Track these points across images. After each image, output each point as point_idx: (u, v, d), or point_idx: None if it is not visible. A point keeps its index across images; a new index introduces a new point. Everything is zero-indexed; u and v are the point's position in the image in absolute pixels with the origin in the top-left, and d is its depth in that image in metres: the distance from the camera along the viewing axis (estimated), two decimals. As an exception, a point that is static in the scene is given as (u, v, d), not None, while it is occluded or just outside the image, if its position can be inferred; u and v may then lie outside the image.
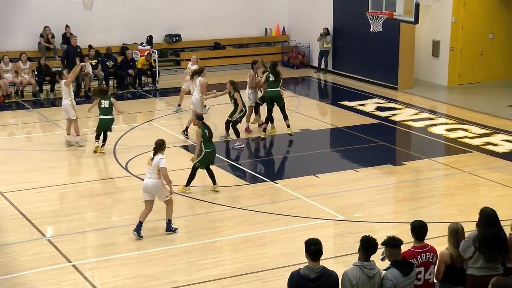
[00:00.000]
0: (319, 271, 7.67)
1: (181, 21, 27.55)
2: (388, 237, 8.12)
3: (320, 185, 15.34)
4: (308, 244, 7.76)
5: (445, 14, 24.24)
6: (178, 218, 13.69)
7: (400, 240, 8.09)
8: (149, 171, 12.65)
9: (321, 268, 7.71)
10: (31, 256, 11.93)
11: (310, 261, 7.73)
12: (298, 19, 28.79)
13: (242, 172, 16.20)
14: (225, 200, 14.40)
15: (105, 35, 25.90)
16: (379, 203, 14.51)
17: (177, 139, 18.58)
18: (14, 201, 14.38)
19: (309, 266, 7.72)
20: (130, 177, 15.91)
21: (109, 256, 12.01)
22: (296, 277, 7.72)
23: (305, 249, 7.76)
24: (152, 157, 12.59)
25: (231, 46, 28.68)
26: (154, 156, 12.57)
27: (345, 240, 12.49)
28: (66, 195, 15.04)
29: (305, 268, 7.72)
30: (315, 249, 7.71)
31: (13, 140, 19.18)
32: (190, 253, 12.16)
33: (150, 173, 12.61)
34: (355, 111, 21.66)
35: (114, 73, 24.45)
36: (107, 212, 14.10)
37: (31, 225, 13.21)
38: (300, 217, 13.49)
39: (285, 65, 28.58)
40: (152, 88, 24.76)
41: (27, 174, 16.11)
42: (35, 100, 23.21)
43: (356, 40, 25.82)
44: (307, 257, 7.75)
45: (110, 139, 18.18)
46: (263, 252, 12.15)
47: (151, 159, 12.59)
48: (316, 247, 7.71)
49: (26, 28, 25.08)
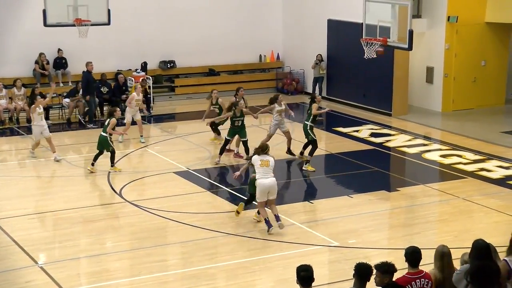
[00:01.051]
0: None
1: (176, 48, 27.63)
2: (382, 262, 8.06)
3: (315, 211, 15.32)
4: (298, 271, 7.71)
5: (439, 41, 24.40)
6: (172, 244, 13.67)
7: (392, 268, 8.00)
8: (266, 171, 13.79)
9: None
10: (23, 284, 11.81)
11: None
12: (292, 46, 28.91)
13: (237, 198, 16.13)
14: (219, 226, 14.34)
15: (100, 62, 25.88)
16: (374, 229, 14.47)
17: (171, 165, 18.55)
18: (6, 228, 14.27)
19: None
20: (124, 203, 15.84)
21: (102, 283, 11.92)
22: None
23: (296, 276, 7.70)
24: (267, 159, 13.81)
25: (226, 72, 28.76)
26: (268, 157, 13.85)
27: (339, 266, 12.43)
28: (59, 221, 14.92)
29: None
30: (305, 275, 7.65)
31: (7, 166, 19.11)
32: (184, 280, 12.07)
33: (268, 172, 13.79)
34: (349, 137, 21.69)
35: (109, 99, 24.45)
36: (101, 238, 14.00)
37: (23, 252, 13.10)
38: (295, 243, 13.43)
39: (280, 91, 28.58)
40: (146, 114, 24.74)
41: (20, 201, 16.03)
42: (29, 126, 23.15)
43: (350, 67, 25.92)
44: (298, 284, 7.70)
45: (104, 165, 18.16)
46: (257, 279, 12.10)
47: (267, 161, 13.81)
48: (306, 273, 7.66)
49: (21, 55, 25.09)
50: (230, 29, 28.40)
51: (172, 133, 22.68)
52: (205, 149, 20.16)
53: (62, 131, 23.06)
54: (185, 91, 27.65)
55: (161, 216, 14.93)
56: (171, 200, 15.83)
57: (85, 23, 21.21)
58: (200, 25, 27.90)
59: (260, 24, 28.95)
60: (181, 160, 19.01)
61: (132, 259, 12.95)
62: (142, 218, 14.91)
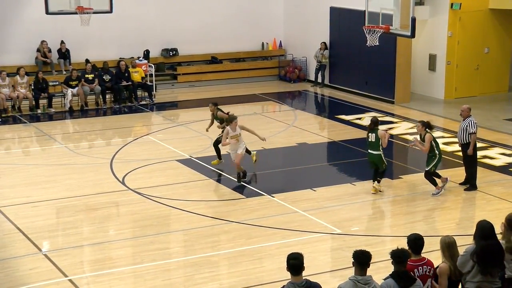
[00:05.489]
0: (304, 285, 7.62)
1: (178, 36, 27.60)
2: (396, 250, 8.10)
3: (317, 198, 15.32)
4: (288, 259, 7.71)
5: (441, 28, 24.33)
6: (174, 232, 13.71)
7: (403, 256, 8.04)
8: None
9: (305, 281, 7.66)
10: (27, 271, 11.87)
11: (292, 276, 7.67)
12: (294, 33, 28.86)
13: (239, 186, 16.17)
14: (222, 214, 14.37)
15: (102, 50, 25.95)
16: (376, 217, 14.54)
17: (174, 153, 18.58)
18: (10, 215, 14.33)
19: (292, 281, 7.65)
20: (127, 191, 15.88)
21: (105, 271, 11.95)
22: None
23: (286, 264, 7.71)
24: None
25: (228, 60, 28.74)
26: None
27: (342, 254, 12.45)
28: (62, 209, 14.99)
29: (289, 284, 7.66)
30: (293, 264, 7.64)
31: (10, 154, 19.16)
32: (187, 267, 12.11)
33: None
34: (352, 125, 21.69)
35: (111, 87, 24.47)
36: (104, 226, 14.04)
37: (27, 239, 13.15)
38: (297, 231, 13.46)
39: (282, 79, 28.65)
40: (148, 102, 24.79)
41: (23, 189, 16.08)
42: (32, 114, 23.21)
43: (352, 54, 25.88)
44: (288, 271, 7.69)
45: (107, 153, 18.20)
46: (260, 266, 12.11)
47: None
48: (295, 261, 7.65)
49: (23, 43, 25.10)
50: (232, 16, 28.36)
51: (174, 121, 22.71)
52: (208, 137, 20.13)
53: (64, 119, 23.10)
54: (187, 79, 27.65)
55: (163, 204, 14.97)
56: (174, 188, 15.85)
57: (87, 11, 21.23)
58: (202, 13, 27.86)
59: (262, 12, 28.90)
60: (183, 148, 19.03)
61: (135, 247, 13.00)
62: (145, 206, 14.95)
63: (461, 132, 15.67)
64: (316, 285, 7.73)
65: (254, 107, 24.27)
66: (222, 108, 18.18)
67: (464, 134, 15.61)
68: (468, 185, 15.81)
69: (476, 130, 15.58)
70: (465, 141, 15.64)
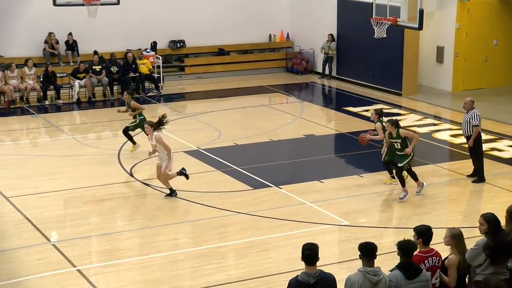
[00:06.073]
0: (317, 276, 7.64)
1: (186, 27, 27.61)
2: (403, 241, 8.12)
3: (325, 190, 15.34)
4: (303, 249, 7.74)
5: (449, 20, 24.27)
6: (182, 223, 13.75)
7: (410, 248, 8.06)
8: None
9: (319, 272, 7.68)
10: (35, 261, 11.94)
11: (306, 266, 7.70)
12: (302, 25, 28.82)
13: (247, 177, 16.19)
14: (229, 206, 14.39)
15: (109, 42, 25.98)
16: (384, 209, 14.54)
17: (181, 144, 18.61)
18: (19, 206, 14.41)
19: (306, 271, 7.68)
20: (135, 182, 15.94)
21: (113, 261, 12.01)
22: (295, 284, 7.68)
23: (301, 254, 7.73)
24: None
25: (235, 52, 28.73)
26: None
27: (349, 245, 12.45)
28: (70, 200, 15.06)
29: (303, 274, 7.68)
30: (308, 254, 7.67)
31: (18, 145, 19.23)
32: (194, 259, 12.14)
33: None
34: (359, 116, 21.68)
35: (118, 79, 24.51)
36: (111, 217, 14.10)
37: (36, 230, 13.23)
38: (305, 223, 13.48)
39: (289, 71, 28.64)
40: (156, 94, 24.82)
41: (31, 180, 16.15)
42: (40, 105, 23.29)
43: (360, 46, 25.85)
44: (303, 261, 7.72)
45: (114, 144, 18.26)
46: (267, 258, 12.14)
47: None
48: (310, 252, 7.67)
49: (31, 35, 25.14)
50: (240, 8, 28.34)
51: (181, 113, 22.73)
52: (215, 128, 20.19)
53: (72, 111, 23.18)
54: (194, 71, 27.66)
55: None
56: (182, 179, 15.86)
57: (94, 3, 21.25)
58: (210, 5, 27.86)
59: (270, 4, 28.88)
60: (191, 139, 19.06)
61: (143, 238, 13.04)
62: (153, 197, 15.02)
63: (465, 124, 15.66)
64: (330, 276, 7.75)
65: (261, 99, 24.27)
66: (229, 99, 18.19)
67: (468, 126, 15.60)
68: (475, 177, 15.80)
69: (479, 123, 15.54)
70: (469, 134, 15.63)
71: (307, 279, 7.61)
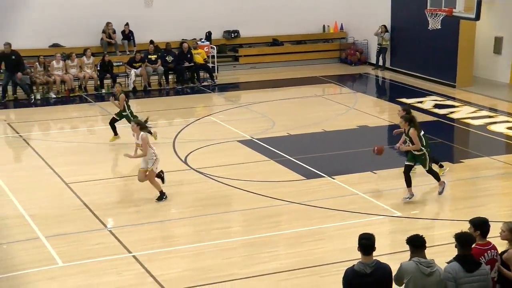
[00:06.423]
0: (374, 265, 7.67)
1: (240, 18, 27.75)
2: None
3: (378, 181, 15.35)
4: (360, 238, 7.79)
5: (509, 10, 23.81)
6: (235, 212, 13.90)
7: (469, 240, 7.97)
8: None
9: (375, 262, 7.72)
10: (93, 246, 12.24)
11: (363, 256, 7.74)
12: (356, 16, 28.71)
13: (300, 167, 16.27)
14: (282, 195, 14.49)
15: (165, 31, 26.26)
16: (436, 200, 14.44)
17: (235, 134, 18.78)
18: (78, 192, 14.73)
19: (363, 261, 7.71)
20: (189, 170, 16.14)
21: (167, 248, 12.21)
22: (351, 273, 7.71)
23: (358, 243, 7.78)
24: None
25: (289, 42, 28.79)
26: None
27: (401, 237, 12.33)
28: (126, 187, 15.36)
29: (359, 263, 7.72)
30: (366, 244, 7.72)
31: (77, 133, 19.62)
32: (246, 247, 12.27)
33: None
34: (412, 108, 21.41)
35: (173, 68, 24.81)
36: (166, 204, 14.30)
37: (94, 215, 13.54)
38: (357, 213, 13.53)
39: (343, 61, 28.61)
40: (210, 84, 25.06)
41: (89, 166, 16.50)
42: (97, 94, 23.75)
43: (414, 37, 25.65)
44: (359, 251, 7.77)
45: (169, 133, 18.49)
46: (319, 247, 12.20)
47: None
48: (368, 241, 7.72)
49: (89, 25, 25.60)
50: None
51: (235, 102, 22.91)
52: (269, 118, 20.30)
53: (128, 99, 23.49)
54: (248, 61, 27.82)
55: (224, 183, 15.18)
56: (235, 168, 16.04)
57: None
58: (264, -5, 27.95)
59: (324, -6, 28.84)
60: (244, 129, 19.22)
61: (196, 225, 13.23)
62: (206, 186, 15.19)
63: None
64: (386, 266, 7.77)
65: (315, 90, 24.32)
66: (283, 90, 18.22)
67: None
68: None
69: None
70: None
71: (363, 268, 7.65)
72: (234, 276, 11.12)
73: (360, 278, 7.63)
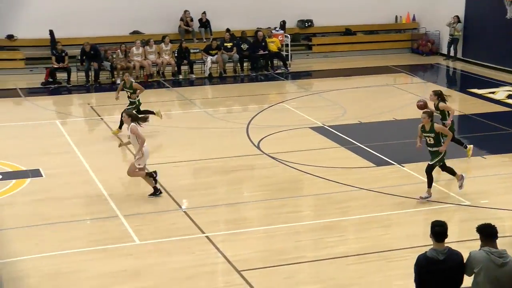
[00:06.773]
0: (446, 252, 7.63)
1: (314, 7, 27.95)
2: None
3: (446, 170, 15.35)
4: (433, 225, 7.76)
5: None
6: (305, 196, 14.15)
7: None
8: None
9: (447, 249, 7.67)
10: (170, 226, 12.63)
11: (435, 243, 7.69)
12: (428, 7, 28.55)
13: (370, 154, 16.42)
14: (352, 181, 14.65)
15: (240, 20, 26.67)
16: (507, 191, 14.35)
17: (307, 120, 19.05)
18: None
19: (435, 248, 7.68)
20: (262, 155, 16.44)
21: (239, 230, 12.50)
22: (424, 260, 7.67)
23: (430, 230, 7.77)
24: None
25: (362, 32, 28.86)
26: None
27: (469, 225, 12.39)
28: (200, 170, 15.70)
29: (432, 250, 7.68)
30: (439, 230, 7.68)
31: (154, 117, 20.05)
32: (316, 231, 12.43)
33: None
34: (484, 98, 21.42)
35: (248, 56, 25.24)
36: (238, 187, 14.64)
37: (169, 196, 13.94)
38: (426, 201, 13.56)
39: (414, 52, 28.57)
40: (284, 71, 25.39)
41: (166, 150, 17.00)
42: (174, 79, 24.37)
43: (488, 27, 25.39)
44: (431, 238, 7.75)
45: (243, 118, 18.84)
46: (387, 233, 12.31)
47: None
48: (441, 228, 7.69)
49: (168, 13, 26.25)
50: (368, -11, 28.41)
51: (308, 90, 23.17)
52: (341, 106, 20.49)
53: (204, 85, 24.12)
54: (321, 50, 28.03)
55: (296, 169, 15.43)
56: (306, 154, 16.26)
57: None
58: (338, -15, 28.06)
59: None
60: (316, 116, 19.44)
61: (267, 208, 13.50)
62: (278, 170, 15.44)
63: None
64: (458, 254, 7.72)
65: (386, 79, 24.40)
66: (354, 78, 18.35)
67: None
68: None
69: None
70: None
71: (436, 255, 7.62)
72: (303, 259, 11.29)
73: (433, 264, 7.61)
